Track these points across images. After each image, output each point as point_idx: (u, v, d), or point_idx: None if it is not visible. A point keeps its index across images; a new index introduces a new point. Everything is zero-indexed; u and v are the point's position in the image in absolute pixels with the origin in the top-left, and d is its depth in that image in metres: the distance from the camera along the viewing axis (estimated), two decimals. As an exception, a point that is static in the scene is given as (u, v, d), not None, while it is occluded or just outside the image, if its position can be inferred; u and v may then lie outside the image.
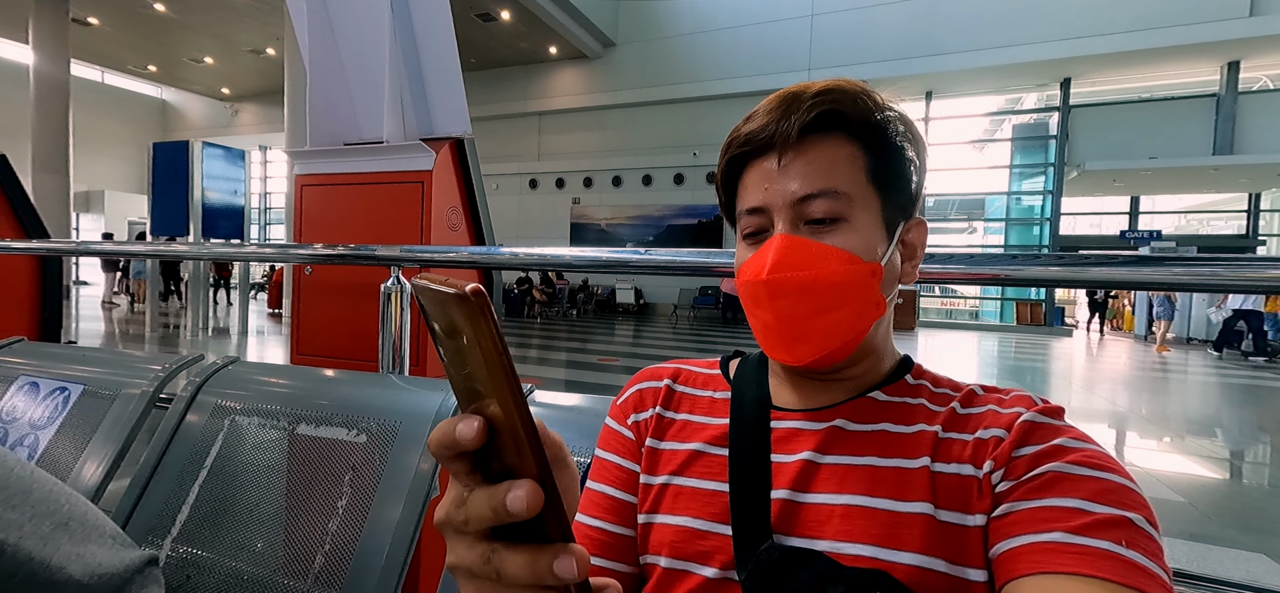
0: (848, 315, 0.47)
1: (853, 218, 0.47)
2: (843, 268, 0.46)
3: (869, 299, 0.47)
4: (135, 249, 1.89)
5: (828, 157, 0.47)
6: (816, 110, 0.46)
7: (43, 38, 10.76)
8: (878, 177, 0.48)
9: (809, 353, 0.47)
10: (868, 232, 0.47)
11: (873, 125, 0.48)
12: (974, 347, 10.15)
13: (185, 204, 7.58)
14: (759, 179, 0.49)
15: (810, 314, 0.46)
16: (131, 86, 19.32)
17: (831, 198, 0.46)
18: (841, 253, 0.46)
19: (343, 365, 1.50)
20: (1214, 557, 2.38)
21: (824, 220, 0.47)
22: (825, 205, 0.46)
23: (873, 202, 0.48)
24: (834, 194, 0.46)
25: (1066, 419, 0.44)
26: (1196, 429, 4.79)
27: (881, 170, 0.48)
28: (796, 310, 0.46)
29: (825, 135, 0.47)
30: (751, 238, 0.51)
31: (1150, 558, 0.35)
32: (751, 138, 0.49)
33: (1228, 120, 11.27)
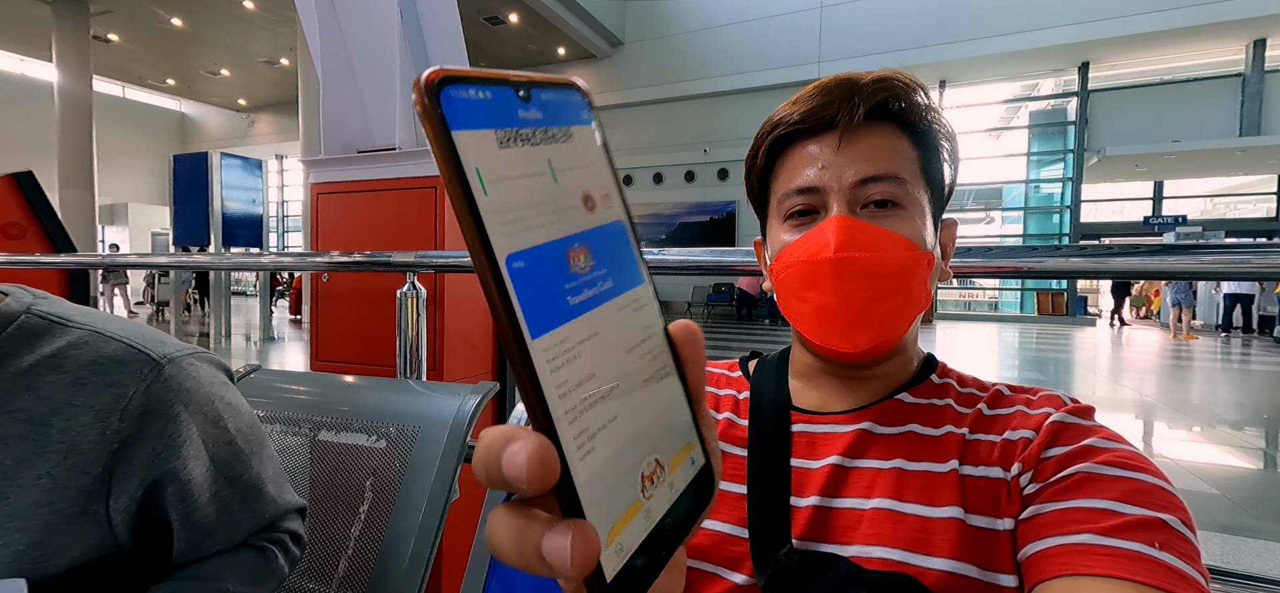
0: (902, 303, 0.46)
1: (908, 206, 0.46)
2: (906, 252, 0.45)
3: (922, 289, 0.46)
4: (156, 261, 1.93)
5: (887, 144, 0.47)
6: (880, 96, 0.46)
7: (66, 56, 11.05)
8: (926, 171, 0.48)
9: (867, 339, 0.46)
10: (920, 221, 0.47)
11: (923, 120, 0.48)
12: (995, 339, 9.99)
13: (205, 214, 7.75)
14: (810, 160, 0.48)
15: (872, 298, 0.45)
16: (151, 100, 19.77)
17: (894, 182, 0.46)
18: (903, 239, 0.45)
19: (361, 371, 1.52)
20: (1250, 551, 2.32)
21: (883, 204, 0.46)
22: (886, 189, 0.46)
23: (923, 194, 0.48)
24: (896, 179, 0.46)
25: (1096, 417, 0.43)
26: (1227, 418, 4.67)
27: (929, 166, 0.48)
28: (860, 293, 0.45)
29: (881, 124, 0.47)
30: (797, 218, 0.49)
31: (1185, 560, 0.34)
32: (809, 116, 0.48)
33: (1254, 100, 10.95)
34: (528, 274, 0.17)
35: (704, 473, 0.21)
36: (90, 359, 0.54)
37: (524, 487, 0.16)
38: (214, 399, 0.59)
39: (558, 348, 0.17)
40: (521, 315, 0.16)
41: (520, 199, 0.17)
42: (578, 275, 0.18)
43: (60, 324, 0.56)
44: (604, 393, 0.18)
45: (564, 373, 0.17)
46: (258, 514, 0.61)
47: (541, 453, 0.16)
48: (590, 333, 0.18)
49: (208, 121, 20.72)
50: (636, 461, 0.19)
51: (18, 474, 0.50)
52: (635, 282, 0.20)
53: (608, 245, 0.20)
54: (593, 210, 0.19)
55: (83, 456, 0.51)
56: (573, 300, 0.18)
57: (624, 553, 0.18)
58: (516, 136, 0.18)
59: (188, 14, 12.51)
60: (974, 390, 0.49)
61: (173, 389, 0.55)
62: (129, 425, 0.53)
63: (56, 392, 0.52)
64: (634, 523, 0.18)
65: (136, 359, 0.55)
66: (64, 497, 0.51)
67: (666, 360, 0.21)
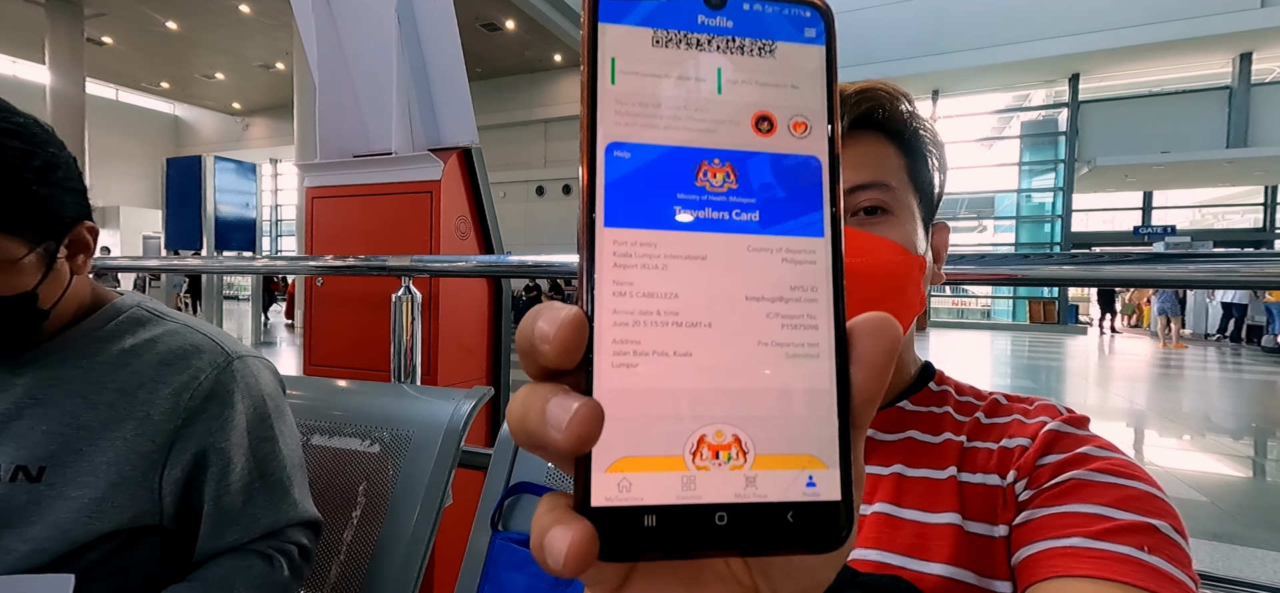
0: (896, 308, 0.46)
1: (897, 212, 0.47)
2: (898, 257, 0.45)
3: (915, 293, 0.47)
4: (150, 263, 1.92)
5: (874, 152, 0.47)
6: (863, 107, 0.47)
7: (59, 58, 10.99)
8: (914, 177, 0.49)
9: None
10: (910, 227, 0.47)
11: (909, 129, 0.49)
12: (987, 347, 10.05)
13: (198, 218, 7.69)
14: None
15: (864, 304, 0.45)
16: (145, 103, 19.67)
17: (882, 189, 0.46)
18: (893, 244, 0.46)
19: (355, 376, 1.51)
20: (1239, 558, 2.33)
21: (873, 210, 0.47)
22: (875, 196, 0.46)
23: (912, 199, 0.48)
24: (884, 186, 0.46)
25: (1091, 427, 0.44)
26: (1216, 427, 4.71)
27: (916, 172, 0.49)
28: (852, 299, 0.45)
29: (867, 132, 0.48)
30: None
31: (1175, 565, 0.34)
32: None
33: (1241, 112, 11.12)
34: (629, 167, 0.16)
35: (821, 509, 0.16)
36: (178, 346, 0.64)
37: (545, 347, 0.15)
38: (266, 399, 0.67)
39: (634, 248, 0.16)
40: (601, 199, 0.16)
41: (655, 96, 0.16)
42: (704, 192, 0.16)
43: (159, 318, 0.67)
44: (679, 321, 0.16)
45: (633, 275, 0.16)
46: (277, 513, 0.65)
47: (576, 319, 0.15)
48: (693, 254, 0.16)
49: (202, 125, 20.63)
50: (698, 417, 0.16)
51: (99, 435, 0.58)
52: (803, 231, 0.17)
53: (774, 176, 0.17)
54: (768, 134, 0.17)
55: (154, 425, 0.60)
56: (682, 214, 0.16)
57: (628, 495, 0.15)
58: (680, 39, 0.17)
59: (183, 17, 12.48)
60: (972, 399, 0.49)
61: (236, 380, 0.65)
62: (196, 404, 0.62)
63: (146, 369, 0.62)
64: (660, 478, 0.15)
65: (213, 351, 0.65)
66: (129, 460, 0.59)
67: (819, 342, 0.17)
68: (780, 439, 0.16)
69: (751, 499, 0.16)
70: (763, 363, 0.16)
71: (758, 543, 0.16)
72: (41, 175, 0.57)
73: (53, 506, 0.56)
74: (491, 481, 0.91)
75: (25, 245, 0.57)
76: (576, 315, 0.15)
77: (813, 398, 0.16)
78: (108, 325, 0.64)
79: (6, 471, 0.56)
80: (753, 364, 0.16)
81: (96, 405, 0.59)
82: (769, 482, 0.16)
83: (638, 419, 0.15)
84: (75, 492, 0.56)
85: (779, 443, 0.16)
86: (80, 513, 0.56)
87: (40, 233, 0.58)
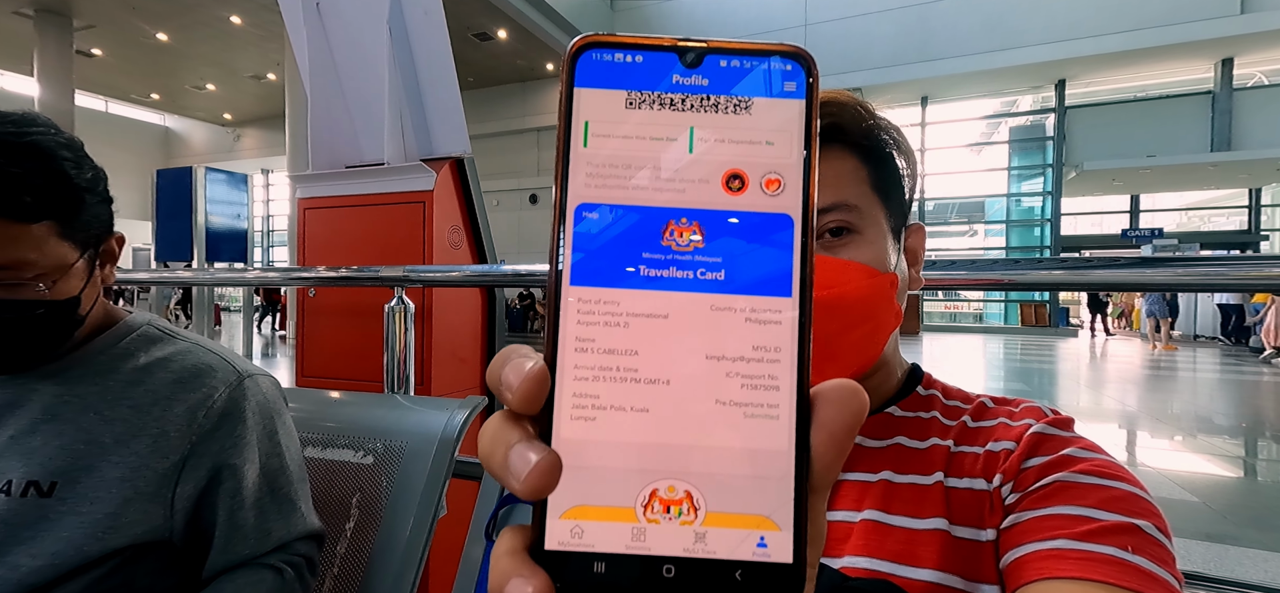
0: (871, 329, 0.46)
1: (864, 230, 0.46)
2: (866, 282, 0.45)
3: (889, 310, 0.47)
4: (140, 277, 1.90)
5: (833, 170, 0.47)
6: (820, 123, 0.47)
7: (47, 69, 10.91)
8: (879, 186, 0.48)
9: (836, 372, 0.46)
10: (879, 242, 0.47)
11: (869, 136, 0.48)
12: (979, 350, 10.11)
13: (189, 230, 7.63)
14: None
15: (837, 332, 0.45)
16: (134, 115, 19.54)
17: (844, 210, 0.46)
18: (862, 267, 0.45)
19: (348, 387, 1.50)
20: (1232, 558, 2.35)
21: (837, 231, 0.46)
22: (839, 218, 0.46)
23: (879, 211, 0.47)
24: (846, 206, 0.46)
25: (1076, 427, 0.44)
26: (1206, 427, 4.76)
27: (881, 179, 0.48)
28: (825, 329, 0.45)
29: (827, 149, 0.47)
30: None
31: (1159, 565, 0.34)
32: None
33: (1224, 116, 11.30)
34: (597, 226, 0.17)
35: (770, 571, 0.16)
36: (193, 364, 0.65)
37: (508, 395, 0.16)
38: (274, 416, 0.69)
39: (597, 306, 0.17)
40: (568, 258, 0.17)
41: (626, 158, 0.17)
42: (670, 250, 0.17)
43: (171, 336, 0.69)
44: (638, 377, 0.16)
45: (594, 332, 0.16)
46: (287, 527, 0.66)
47: (538, 374, 0.16)
48: (655, 312, 0.17)
49: (192, 136, 20.51)
50: (651, 471, 0.16)
51: (113, 451, 0.59)
52: (770, 290, 0.17)
53: (743, 235, 0.17)
54: (739, 192, 0.17)
55: (169, 441, 0.61)
56: (647, 272, 0.17)
57: (579, 541, 0.16)
58: (654, 99, 0.17)
59: (173, 29, 12.43)
60: (959, 403, 0.50)
61: (248, 398, 0.66)
62: (211, 422, 0.63)
63: (161, 387, 0.63)
64: (611, 527, 0.16)
65: (226, 370, 0.66)
66: (143, 476, 0.59)
67: (778, 403, 0.16)
68: (733, 498, 0.16)
69: (700, 555, 0.16)
70: (719, 422, 0.16)
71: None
72: (91, 186, 0.62)
73: (63, 521, 0.56)
74: (486, 491, 0.90)
75: (77, 251, 0.60)
76: (539, 371, 0.16)
77: (769, 459, 0.16)
78: (121, 343, 0.65)
79: (18, 485, 0.56)
80: (709, 423, 0.16)
81: (111, 422, 0.60)
82: (718, 539, 0.16)
83: (593, 469, 0.16)
84: (87, 508, 0.57)
85: (731, 501, 0.16)
86: (94, 529, 0.56)
87: (86, 241, 0.61)
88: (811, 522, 0.16)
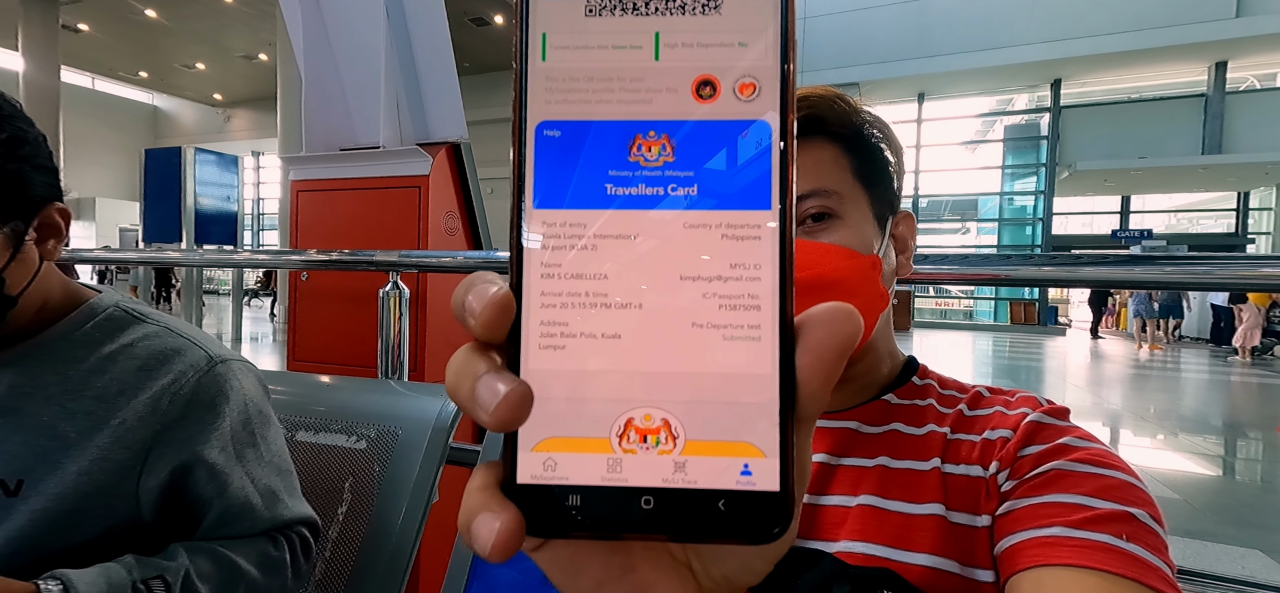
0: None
1: (845, 215, 0.47)
2: (844, 262, 0.46)
3: (873, 292, 0.47)
4: (128, 256, 1.88)
5: (812, 159, 0.48)
6: (799, 114, 0.48)
7: (33, 44, 10.69)
8: (862, 174, 0.49)
9: None
10: (861, 227, 0.48)
11: (851, 127, 0.49)
12: (969, 346, 10.20)
13: (178, 211, 7.53)
14: None
15: None
16: (122, 93, 19.20)
17: (822, 196, 0.47)
18: (841, 249, 0.46)
19: (341, 372, 1.50)
20: (1210, 554, 2.40)
21: (819, 216, 0.47)
22: (819, 203, 0.47)
23: (861, 198, 0.49)
24: (824, 193, 0.47)
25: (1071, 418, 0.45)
26: (1190, 426, 4.83)
27: (865, 168, 0.49)
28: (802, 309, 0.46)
29: (807, 140, 0.48)
30: None
31: (1152, 552, 0.35)
32: None
33: (1216, 120, 11.40)
34: (559, 146, 0.16)
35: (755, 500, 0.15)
36: (158, 350, 0.60)
37: (471, 322, 0.15)
38: (248, 404, 0.64)
39: (563, 229, 0.15)
40: (530, 181, 0.15)
41: (587, 69, 0.16)
42: (638, 166, 0.16)
43: (140, 319, 0.63)
44: (608, 302, 0.15)
45: (561, 256, 0.15)
46: (273, 516, 0.64)
47: (502, 300, 0.15)
48: (624, 233, 0.15)
49: (182, 116, 20.20)
50: (626, 400, 0.15)
51: (75, 445, 0.55)
52: (748, 203, 0.15)
53: (716, 145, 0.16)
54: (710, 99, 0.16)
55: (130, 430, 0.57)
56: (615, 190, 0.16)
57: (552, 475, 0.15)
58: (614, 4, 0.16)
59: (162, 5, 12.20)
60: (954, 392, 0.50)
61: (219, 385, 0.62)
62: (176, 409, 0.59)
63: (125, 376, 0.58)
64: (586, 459, 0.15)
65: (194, 354, 0.62)
66: (103, 469, 0.55)
67: (760, 323, 0.15)
68: (713, 425, 0.15)
69: (680, 485, 0.15)
70: (696, 346, 0.15)
71: (686, 530, 0.15)
72: (6, 149, 0.54)
73: (26, 518, 0.53)
74: (479, 477, 0.90)
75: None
76: (503, 296, 0.15)
77: (751, 383, 0.15)
78: (85, 328, 0.61)
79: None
80: (686, 347, 0.15)
81: (74, 415, 0.56)
82: (699, 468, 0.15)
83: (564, 400, 0.15)
84: (48, 505, 0.54)
85: (712, 429, 0.15)
86: (52, 525, 0.53)
87: (5, 211, 0.54)
88: (797, 456, 0.15)
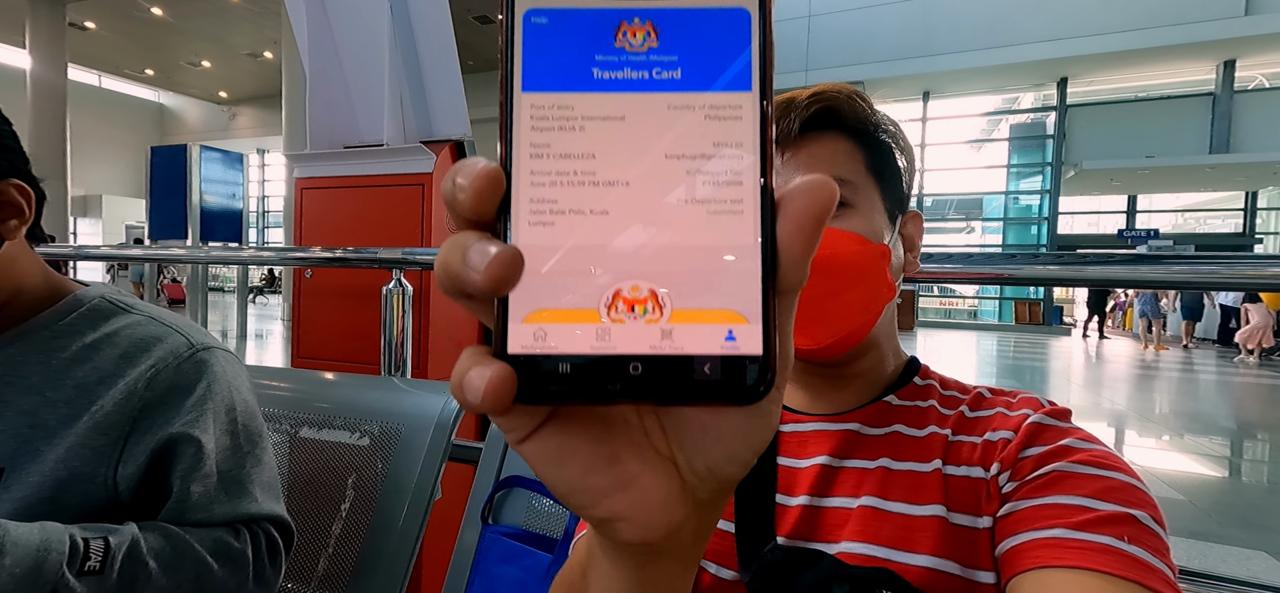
0: (862, 296, 0.47)
1: (858, 205, 0.48)
2: (855, 247, 0.46)
3: (881, 281, 0.48)
4: (134, 254, 1.89)
5: (828, 150, 0.49)
6: (814, 108, 0.48)
7: (40, 42, 10.75)
8: (874, 169, 0.49)
9: (827, 334, 0.47)
10: (872, 217, 0.48)
11: (865, 123, 0.50)
12: (973, 347, 10.17)
13: (183, 208, 7.57)
14: None
15: (827, 295, 0.46)
16: (128, 91, 19.30)
17: (839, 184, 0.47)
18: (852, 234, 0.47)
19: (344, 369, 1.50)
20: (1215, 556, 2.39)
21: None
22: None
23: (873, 191, 0.49)
24: (839, 181, 0.47)
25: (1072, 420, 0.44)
26: (1194, 427, 4.81)
27: (877, 163, 0.50)
28: (814, 291, 0.46)
29: (822, 133, 0.49)
30: None
31: (1153, 554, 0.35)
32: None
33: (1224, 119, 11.31)
34: (547, 32, 0.16)
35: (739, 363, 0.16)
36: (140, 337, 0.60)
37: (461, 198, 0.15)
38: (232, 393, 0.64)
39: (551, 110, 0.16)
40: (519, 65, 0.16)
41: None
42: (624, 51, 0.16)
43: (125, 309, 0.63)
44: (596, 180, 0.16)
45: (549, 137, 0.16)
46: (236, 508, 0.61)
47: (491, 172, 0.15)
48: (611, 114, 0.16)
49: (187, 114, 20.29)
50: (614, 272, 0.16)
51: (54, 434, 0.55)
52: (729, 85, 0.16)
53: (698, 30, 0.16)
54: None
55: (106, 416, 0.56)
56: (601, 74, 0.16)
57: (543, 344, 0.16)
58: None
59: (168, 3, 12.26)
60: (956, 393, 0.50)
61: (201, 372, 0.61)
62: (154, 394, 0.58)
63: (107, 364, 0.58)
64: (575, 329, 0.16)
65: (175, 342, 0.61)
66: (80, 456, 0.55)
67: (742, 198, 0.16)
68: (698, 294, 0.16)
69: (667, 351, 0.15)
70: (682, 219, 0.16)
71: (674, 393, 0.16)
72: None
73: (8, 507, 0.53)
74: (482, 475, 0.91)
75: None
76: (492, 169, 0.16)
77: (734, 253, 0.16)
78: (68, 318, 0.61)
79: None
80: (671, 221, 0.16)
81: (55, 404, 0.56)
82: (686, 335, 0.16)
83: (554, 273, 0.16)
84: (26, 493, 0.54)
85: (697, 297, 0.16)
86: (33, 511, 0.53)
87: None
88: (780, 330, 0.16)
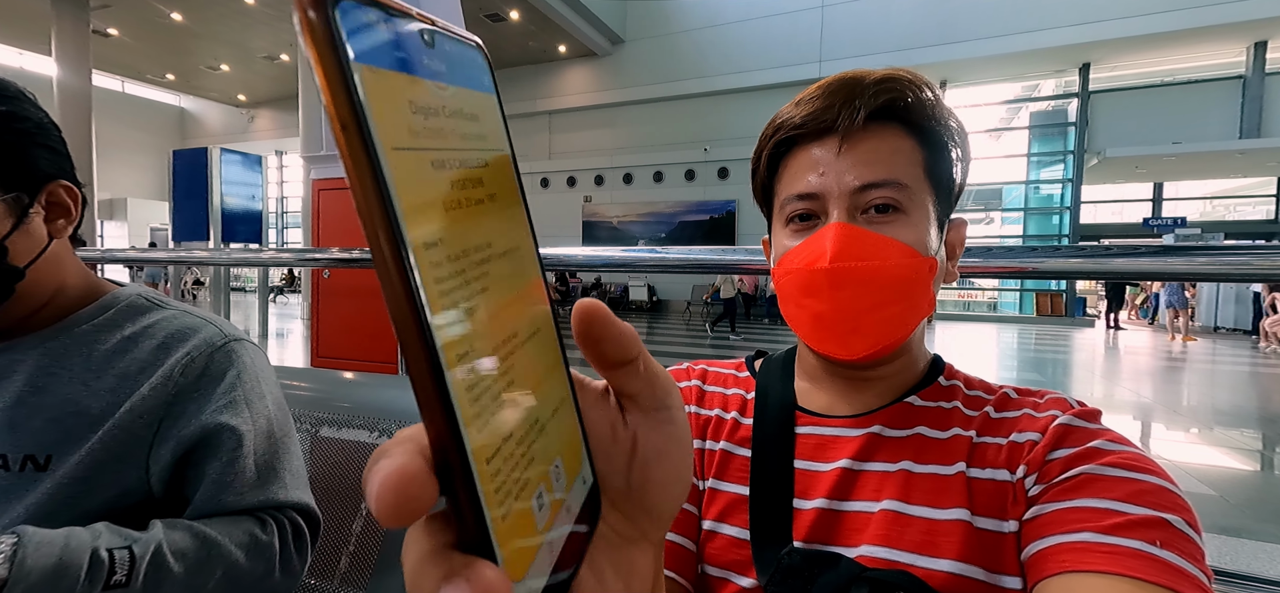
0: (903, 310, 0.45)
1: (910, 211, 0.45)
2: (905, 261, 0.44)
3: (924, 295, 0.46)
4: (157, 256, 1.93)
5: (890, 146, 0.46)
6: (883, 98, 0.45)
7: (65, 50, 11.01)
8: (932, 172, 0.47)
9: (864, 347, 0.46)
10: (923, 226, 0.46)
11: (931, 120, 0.47)
12: (994, 339, 10.00)
13: (205, 210, 7.73)
14: (811, 164, 0.47)
15: (869, 307, 0.45)
16: (151, 95, 19.71)
17: (894, 188, 0.45)
18: (902, 246, 0.44)
19: (362, 368, 1.52)
20: (1248, 552, 2.32)
21: (884, 208, 0.45)
22: (887, 194, 0.45)
23: (927, 197, 0.47)
24: (896, 185, 0.45)
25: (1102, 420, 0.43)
26: (1225, 420, 4.68)
27: (935, 166, 0.47)
28: (856, 303, 0.45)
29: (885, 125, 0.46)
30: (798, 223, 0.49)
31: (1187, 559, 0.34)
32: (809, 120, 0.47)
33: (1254, 102, 10.94)
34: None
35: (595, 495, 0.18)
36: (177, 328, 0.64)
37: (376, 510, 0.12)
38: (261, 383, 0.67)
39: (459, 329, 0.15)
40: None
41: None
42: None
43: (159, 306, 0.67)
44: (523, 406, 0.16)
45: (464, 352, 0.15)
46: (266, 495, 0.64)
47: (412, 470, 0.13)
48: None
49: (208, 117, 20.67)
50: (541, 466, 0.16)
51: (97, 420, 0.58)
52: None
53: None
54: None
55: (143, 401, 0.60)
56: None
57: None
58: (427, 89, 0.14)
59: (187, 9, 12.48)
60: (981, 393, 0.49)
61: (232, 362, 0.65)
62: (189, 381, 0.62)
63: (145, 354, 0.62)
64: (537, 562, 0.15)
65: (210, 332, 0.65)
66: (117, 438, 0.58)
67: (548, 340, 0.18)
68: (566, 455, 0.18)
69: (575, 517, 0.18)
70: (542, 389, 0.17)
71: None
72: (3, 122, 0.57)
73: (51, 490, 0.56)
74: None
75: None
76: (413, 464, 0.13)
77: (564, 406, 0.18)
78: (106, 314, 0.64)
79: (15, 460, 0.56)
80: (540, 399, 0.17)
81: (98, 393, 0.59)
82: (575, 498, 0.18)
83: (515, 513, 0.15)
84: (65, 477, 0.56)
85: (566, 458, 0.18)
86: (66, 493, 0.56)
87: (6, 180, 0.57)
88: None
